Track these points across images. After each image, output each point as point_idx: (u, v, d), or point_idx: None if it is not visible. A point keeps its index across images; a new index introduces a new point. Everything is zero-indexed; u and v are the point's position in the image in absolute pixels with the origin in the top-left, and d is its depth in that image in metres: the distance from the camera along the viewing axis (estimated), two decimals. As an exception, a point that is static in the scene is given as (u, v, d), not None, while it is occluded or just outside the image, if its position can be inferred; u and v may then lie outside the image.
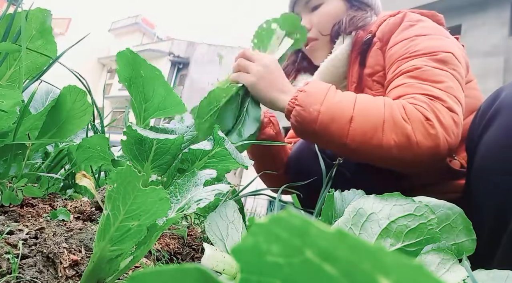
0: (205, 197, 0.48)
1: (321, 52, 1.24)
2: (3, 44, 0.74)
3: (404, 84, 0.92)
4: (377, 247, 0.12)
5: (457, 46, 0.99)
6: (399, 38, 1.03)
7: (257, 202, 9.41)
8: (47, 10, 0.83)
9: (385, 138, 0.82)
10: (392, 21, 1.09)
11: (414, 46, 0.97)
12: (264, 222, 0.13)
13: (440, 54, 0.93)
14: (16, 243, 0.51)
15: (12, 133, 0.73)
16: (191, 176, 0.56)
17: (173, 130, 0.84)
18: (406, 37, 1.01)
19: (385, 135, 0.82)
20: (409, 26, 1.04)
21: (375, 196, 0.53)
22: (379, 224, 0.50)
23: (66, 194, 0.90)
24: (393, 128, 0.82)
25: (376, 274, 0.12)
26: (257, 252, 0.13)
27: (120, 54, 0.69)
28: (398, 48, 1.01)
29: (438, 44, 0.95)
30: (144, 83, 0.72)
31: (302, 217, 0.12)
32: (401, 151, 0.82)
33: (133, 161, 0.77)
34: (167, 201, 0.41)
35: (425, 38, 0.98)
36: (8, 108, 0.65)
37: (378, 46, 1.10)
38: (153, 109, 0.76)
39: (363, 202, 0.53)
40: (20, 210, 0.65)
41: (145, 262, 0.62)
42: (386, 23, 1.11)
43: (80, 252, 0.55)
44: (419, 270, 0.11)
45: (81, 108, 0.85)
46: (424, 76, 0.90)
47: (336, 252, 0.12)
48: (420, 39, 0.98)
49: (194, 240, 0.84)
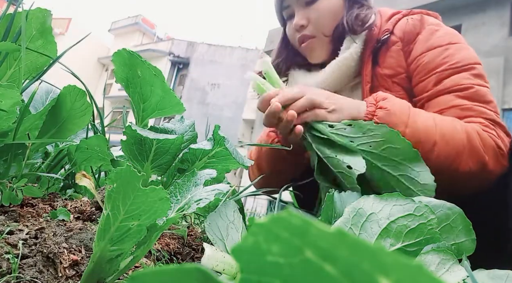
0: (205, 196, 0.48)
1: (319, 52, 1.16)
2: (3, 44, 0.74)
3: (459, 106, 0.92)
4: (377, 247, 0.12)
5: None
6: (431, 44, 1.02)
7: (257, 202, 9.42)
8: (47, 10, 0.83)
9: (463, 164, 0.82)
10: (412, 22, 1.06)
11: (451, 56, 0.97)
12: (264, 222, 0.13)
13: (476, 67, 0.95)
14: (16, 243, 0.51)
15: (12, 133, 0.73)
16: (191, 176, 0.56)
17: (173, 130, 0.84)
18: (438, 44, 1.01)
19: (463, 161, 0.82)
20: (435, 31, 1.04)
21: (374, 196, 0.53)
22: (379, 224, 0.50)
23: (66, 194, 0.90)
24: (471, 155, 0.82)
25: (376, 274, 0.12)
26: (257, 252, 0.13)
27: (116, 54, 0.69)
28: (433, 56, 1.00)
29: (470, 56, 0.97)
30: (141, 83, 0.72)
31: (302, 217, 0.12)
32: (472, 177, 0.82)
33: (133, 161, 0.77)
34: (167, 201, 0.41)
35: (457, 47, 0.99)
36: (8, 108, 0.65)
37: (399, 46, 1.07)
38: (151, 109, 0.76)
39: (363, 202, 0.53)
40: (20, 210, 0.65)
41: (145, 262, 0.62)
42: (405, 23, 1.07)
43: (80, 252, 0.55)
44: (419, 270, 0.11)
45: (81, 108, 0.85)
46: (476, 97, 0.91)
47: (336, 252, 0.12)
48: (454, 49, 0.99)
49: (194, 240, 0.84)
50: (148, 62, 0.69)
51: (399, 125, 0.81)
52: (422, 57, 1.01)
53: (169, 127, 0.84)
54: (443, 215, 0.58)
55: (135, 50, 0.70)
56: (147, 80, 0.71)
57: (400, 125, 0.81)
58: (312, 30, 1.13)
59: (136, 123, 0.78)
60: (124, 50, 0.69)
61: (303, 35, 1.14)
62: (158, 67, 0.71)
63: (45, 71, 0.88)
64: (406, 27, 1.06)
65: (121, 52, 0.69)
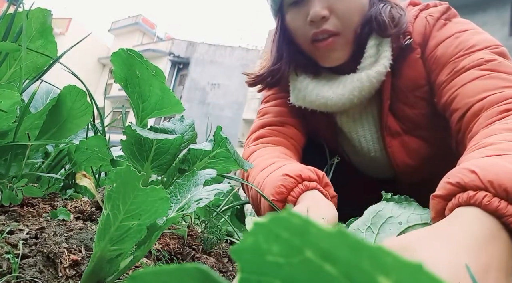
0: (205, 196, 0.48)
1: (340, 53, 0.90)
2: (3, 44, 0.74)
3: (481, 76, 0.73)
4: (377, 247, 0.12)
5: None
6: (439, 39, 0.86)
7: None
8: (47, 10, 0.83)
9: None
10: (432, 20, 0.89)
11: (465, 42, 0.81)
12: (264, 222, 0.13)
13: (498, 47, 0.79)
14: (17, 243, 0.51)
15: (12, 132, 0.73)
16: (191, 176, 0.56)
17: (172, 130, 0.84)
18: (446, 35, 0.85)
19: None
20: (443, 25, 0.89)
21: (394, 203, 0.55)
22: (397, 227, 0.51)
23: (66, 194, 0.90)
24: None
25: (376, 274, 0.12)
26: (257, 251, 0.13)
27: (115, 54, 0.69)
28: (444, 48, 0.84)
29: (487, 38, 0.82)
30: (140, 83, 0.72)
31: (302, 217, 0.12)
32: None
33: (133, 161, 0.77)
34: (167, 201, 0.41)
35: (470, 32, 0.84)
36: (7, 108, 0.65)
37: (418, 53, 0.89)
38: (150, 109, 0.76)
39: (383, 206, 0.55)
40: (20, 209, 0.65)
41: (145, 262, 0.62)
42: (421, 21, 0.90)
43: (80, 252, 0.55)
44: (419, 270, 0.11)
45: (81, 108, 0.85)
46: (502, 68, 0.74)
47: (336, 252, 0.12)
48: (466, 35, 0.83)
49: (194, 240, 0.84)
50: (147, 61, 0.69)
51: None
52: (435, 53, 0.86)
53: (169, 127, 0.84)
54: None
55: (135, 50, 0.70)
56: (146, 80, 0.71)
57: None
58: (336, 24, 0.86)
59: (136, 123, 0.78)
60: (122, 50, 0.69)
61: (324, 31, 0.86)
62: (158, 67, 0.71)
63: (45, 71, 0.88)
64: (422, 29, 0.89)
65: (120, 52, 0.69)
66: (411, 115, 0.94)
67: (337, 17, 0.86)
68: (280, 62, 0.97)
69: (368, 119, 1.00)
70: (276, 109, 1.07)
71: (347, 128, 1.03)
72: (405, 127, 0.96)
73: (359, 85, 0.88)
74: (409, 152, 0.97)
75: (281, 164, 0.80)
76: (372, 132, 1.01)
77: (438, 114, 0.87)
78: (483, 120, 0.68)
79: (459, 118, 0.76)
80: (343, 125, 1.03)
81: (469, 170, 0.50)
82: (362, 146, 1.03)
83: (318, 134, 1.11)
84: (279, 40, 0.98)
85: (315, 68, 0.98)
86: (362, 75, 0.88)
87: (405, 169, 0.99)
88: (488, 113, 0.68)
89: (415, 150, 0.97)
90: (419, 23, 0.89)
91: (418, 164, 0.98)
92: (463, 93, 0.75)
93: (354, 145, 1.05)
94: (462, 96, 0.75)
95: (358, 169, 1.13)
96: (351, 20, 0.87)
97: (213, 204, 1.00)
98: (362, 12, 0.88)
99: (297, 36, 0.93)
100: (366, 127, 1.01)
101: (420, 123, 0.94)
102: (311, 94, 0.94)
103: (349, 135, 1.04)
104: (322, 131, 1.10)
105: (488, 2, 9.33)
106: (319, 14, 0.84)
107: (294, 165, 0.80)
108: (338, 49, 0.89)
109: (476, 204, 0.47)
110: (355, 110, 0.99)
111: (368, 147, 1.02)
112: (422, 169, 0.98)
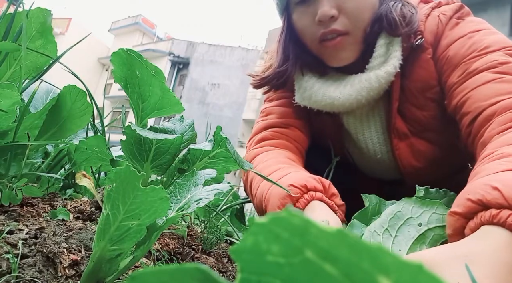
0: (205, 196, 0.48)
1: (349, 53, 0.88)
2: (3, 43, 0.74)
3: (494, 79, 0.71)
4: (377, 247, 0.12)
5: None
6: (451, 39, 0.84)
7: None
8: (47, 10, 0.83)
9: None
10: (444, 19, 0.87)
11: (478, 42, 0.79)
12: (264, 222, 0.13)
13: (511, 48, 0.77)
14: (16, 243, 0.51)
15: (12, 132, 0.73)
16: (191, 176, 0.56)
17: (172, 130, 0.84)
18: (459, 35, 0.83)
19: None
20: (456, 24, 0.86)
21: (416, 199, 0.52)
22: (416, 229, 0.50)
23: (66, 193, 0.90)
24: None
25: (376, 274, 0.12)
26: (257, 251, 0.13)
27: (115, 54, 0.69)
28: (456, 49, 0.82)
29: (501, 39, 0.79)
30: (140, 83, 0.72)
31: (302, 217, 0.12)
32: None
33: (132, 161, 0.77)
34: (167, 201, 0.41)
35: (484, 33, 0.81)
36: (7, 108, 0.65)
37: (429, 54, 0.86)
38: (150, 109, 0.76)
39: (403, 205, 0.52)
40: (20, 209, 0.65)
41: (145, 262, 0.62)
42: (433, 20, 0.87)
43: (80, 252, 0.55)
44: (419, 270, 0.11)
45: (81, 108, 0.85)
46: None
47: (336, 252, 0.12)
48: (480, 35, 0.81)
49: (194, 240, 0.84)
50: (147, 61, 0.69)
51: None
52: (447, 53, 0.83)
53: (169, 127, 0.84)
54: None
55: (135, 50, 0.70)
56: (146, 80, 0.71)
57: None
58: (346, 24, 0.84)
59: (136, 123, 0.78)
60: (122, 50, 0.69)
61: (333, 30, 0.84)
62: (158, 67, 0.71)
63: (45, 71, 0.88)
64: (435, 28, 0.86)
65: (120, 52, 0.69)
66: (420, 117, 0.91)
67: (346, 16, 0.84)
68: (286, 64, 0.95)
69: (376, 120, 0.98)
70: (280, 110, 1.04)
71: (354, 129, 1.00)
72: (413, 129, 0.93)
73: (367, 86, 0.86)
74: (416, 154, 0.95)
75: (286, 172, 0.78)
76: (379, 134, 0.98)
77: (447, 116, 0.85)
78: (495, 126, 0.66)
79: (469, 122, 0.74)
80: (349, 126, 1.00)
81: (492, 186, 0.48)
82: (368, 148, 1.01)
83: (322, 136, 1.08)
84: (285, 39, 0.95)
85: (322, 68, 0.95)
86: (371, 75, 0.86)
87: (411, 171, 0.98)
88: (501, 119, 0.66)
89: (422, 152, 0.95)
90: (431, 22, 0.87)
91: (425, 166, 0.96)
92: (474, 97, 0.73)
93: (360, 147, 1.02)
94: (473, 100, 0.74)
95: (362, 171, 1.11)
96: (360, 19, 0.85)
97: (212, 204, 1.00)
98: (372, 10, 0.86)
99: (304, 35, 0.91)
100: (373, 128, 0.98)
101: (428, 125, 0.92)
102: (317, 94, 0.92)
103: (355, 136, 1.01)
104: (327, 133, 1.07)
105: (488, 2, 9.33)
106: (328, 13, 0.82)
107: (299, 173, 0.78)
108: (347, 48, 0.87)
109: (500, 223, 0.45)
110: (362, 111, 0.96)
111: (374, 149, 1.00)
112: (428, 171, 0.97)
